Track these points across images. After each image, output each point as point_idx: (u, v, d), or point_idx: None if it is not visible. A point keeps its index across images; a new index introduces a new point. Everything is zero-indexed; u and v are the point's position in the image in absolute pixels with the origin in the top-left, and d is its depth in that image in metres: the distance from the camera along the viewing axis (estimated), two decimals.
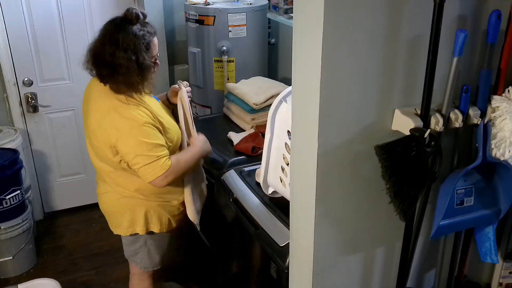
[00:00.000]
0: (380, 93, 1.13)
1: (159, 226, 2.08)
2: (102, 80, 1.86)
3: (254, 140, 2.37)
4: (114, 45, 1.78)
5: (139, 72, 1.81)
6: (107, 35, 1.82)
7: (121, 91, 1.83)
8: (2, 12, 2.99)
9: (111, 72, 1.81)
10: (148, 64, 1.84)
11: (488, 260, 1.34)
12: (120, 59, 1.78)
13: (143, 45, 1.81)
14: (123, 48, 1.78)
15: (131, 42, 1.79)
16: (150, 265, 2.20)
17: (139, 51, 1.80)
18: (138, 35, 1.81)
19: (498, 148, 1.18)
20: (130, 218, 2.04)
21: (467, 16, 1.15)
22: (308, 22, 1.06)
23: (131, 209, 2.03)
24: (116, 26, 1.82)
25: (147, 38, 1.84)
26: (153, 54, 1.88)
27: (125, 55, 1.78)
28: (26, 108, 3.23)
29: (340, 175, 1.18)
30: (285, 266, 1.62)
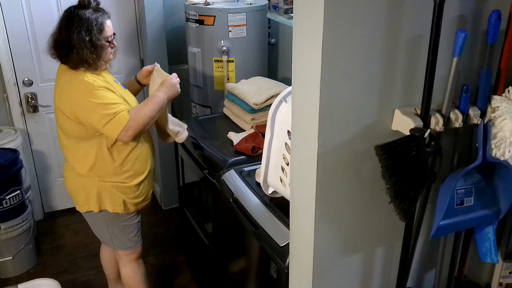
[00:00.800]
0: (380, 93, 1.13)
1: (112, 206, 2.16)
2: (61, 60, 2.05)
3: (254, 140, 2.37)
4: (69, 29, 1.98)
5: (93, 51, 1.98)
6: (63, 21, 2.01)
7: (77, 67, 2.01)
8: (2, 12, 2.99)
9: (67, 52, 1.99)
10: (102, 44, 2.01)
11: (488, 260, 1.34)
12: (74, 41, 1.96)
13: (96, 26, 1.99)
14: (77, 30, 1.97)
15: (84, 24, 1.98)
16: (120, 245, 2.29)
17: (92, 32, 1.98)
18: (91, 18, 1.99)
19: (498, 148, 1.18)
20: (84, 196, 2.16)
21: (467, 16, 1.15)
22: (308, 22, 1.06)
23: (85, 187, 2.15)
24: (71, 12, 2.01)
25: (100, 20, 2.02)
26: (107, 35, 2.05)
27: (78, 36, 1.96)
28: (26, 108, 3.23)
29: (340, 175, 1.18)
30: (285, 266, 1.62)
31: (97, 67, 2.04)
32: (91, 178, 2.13)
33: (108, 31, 2.05)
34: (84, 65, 2.00)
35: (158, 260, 3.10)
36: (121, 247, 2.30)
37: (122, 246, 2.29)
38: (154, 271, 3.00)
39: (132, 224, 2.28)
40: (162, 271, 3.02)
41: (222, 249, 2.40)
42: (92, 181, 2.13)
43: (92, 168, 2.11)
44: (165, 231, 3.42)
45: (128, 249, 2.31)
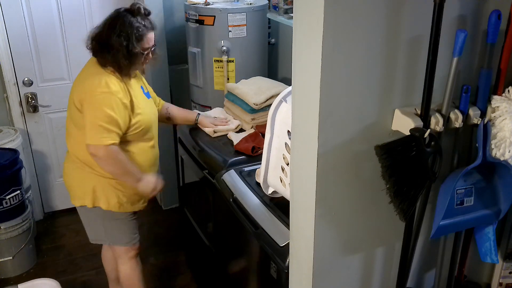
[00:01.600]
0: (380, 93, 1.13)
1: (106, 204, 2.15)
2: (94, 54, 2.09)
3: (254, 140, 2.37)
4: (112, 29, 2.01)
5: (127, 57, 2.01)
6: (109, 20, 2.06)
7: (106, 65, 2.04)
8: (2, 12, 2.99)
9: (103, 49, 2.03)
10: (136, 53, 2.02)
11: (488, 260, 1.34)
12: (112, 41, 2.00)
13: (135, 35, 2.01)
14: (117, 33, 2.00)
15: (125, 29, 2.00)
16: (115, 241, 2.27)
17: (130, 39, 2.00)
18: (134, 25, 2.01)
19: (498, 148, 1.18)
20: (80, 189, 2.16)
21: (467, 16, 1.15)
22: (308, 22, 1.06)
23: (82, 181, 2.15)
24: (118, 14, 2.05)
25: (142, 30, 2.03)
26: (144, 46, 2.06)
27: (118, 39, 1.99)
28: (26, 108, 3.23)
29: (340, 175, 1.18)
30: (285, 266, 1.62)
31: (126, 73, 2.06)
32: (90, 172, 2.11)
33: (147, 43, 2.07)
34: (114, 66, 2.03)
35: (158, 260, 3.10)
36: (117, 242, 2.28)
37: (118, 242, 2.28)
38: (154, 271, 3.00)
39: (128, 223, 2.26)
40: (162, 271, 3.02)
41: (222, 249, 2.40)
42: (90, 175, 2.12)
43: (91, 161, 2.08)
44: (165, 231, 3.42)
45: (125, 245, 2.29)
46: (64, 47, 3.22)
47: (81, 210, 2.24)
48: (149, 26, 2.08)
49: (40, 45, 3.15)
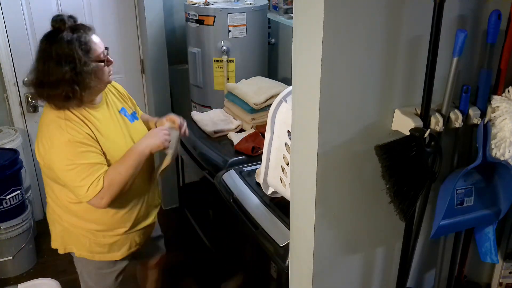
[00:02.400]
0: (380, 93, 1.13)
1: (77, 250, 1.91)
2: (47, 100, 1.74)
3: (254, 140, 2.37)
4: (48, 62, 1.65)
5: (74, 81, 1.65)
6: (40, 54, 1.69)
7: (63, 106, 1.70)
8: (2, 12, 2.99)
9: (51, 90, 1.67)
10: (91, 69, 1.67)
11: (488, 260, 1.34)
12: (54, 75, 1.64)
13: (80, 49, 1.66)
14: (57, 61, 1.64)
15: (65, 51, 1.64)
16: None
17: (76, 58, 1.64)
18: (71, 40, 1.65)
19: (498, 148, 1.18)
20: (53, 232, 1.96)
21: (467, 16, 1.15)
22: (308, 22, 1.06)
23: (53, 223, 1.94)
24: (47, 40, 1.69)
25: (83, 39, 1.68)
26: (97, 53, 1.71)
27: (57, 67, 1.63)
28: (26, 108, 3.23)
29: (340, 175, 1.18)
30: (285, 266, 1.62)
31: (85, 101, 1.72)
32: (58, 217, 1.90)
33: (98, 48, 1.71)
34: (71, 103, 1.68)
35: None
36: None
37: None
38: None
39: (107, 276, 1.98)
40: (162, 271, 3.01)
41: (222, 249, 2.40)
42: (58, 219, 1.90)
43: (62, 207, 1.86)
44: (165, 231, 3.41)
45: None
46: None
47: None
48: (86, 30, 1.71)
49: None
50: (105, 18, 3.25)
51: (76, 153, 1.68)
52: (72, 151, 1.68)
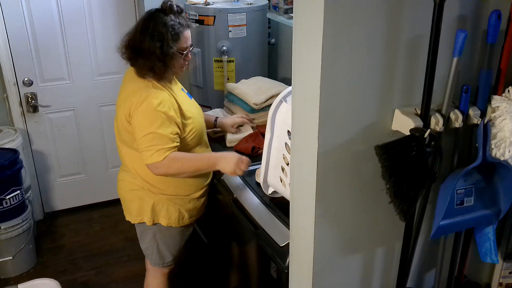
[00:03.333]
0: (380, 93, 1.13)
1: (167, 220, 2.07)
2: (130, 63, 1.96)
3: (254, 140, 2.37)
4: (144, 32, 1.89)
5: (162, 59, 1.88)
6: (141, 23, 1.93)
7: (144, 75, 1.92)
8: (2, 12, 2.99)
9: (137, 55, 1.90)
10: (173, 53, 1.90)
11: (488, 260, 1.34)
12: (146, 45, 1.87)
13: (171, 34, 1.88)
14: (150, 35, 1.87)
15: (159, 30, 1.87)
16: (159, 261, 2.19)
17: (165, 40, 1.87)
18: (168, 25, 1.89)
19: (498, 148, 1.18)
20: (138, 206, 2.07)
21: (467, 16, 1.15)
22: (308, 22, 1.06)
23: (140, 198, 2.06)
24: (150, 15, 1.92)
25: (177, 29, 1.91)
26: (182, 46, 1.94)
27: (151, 41, 1.87)
28: (26, 108, 3.23)
29: (340, 175, 1.18)
30: (285, 266, 1.62)
31: (164, 77, 1.94)
32: (149, 189, 2.05)
33: (184, 42, 1.95)
34: (150, 74, 1.91)
35: None
36: (159, 263, 2.19)
37: (160, 262, 2.19)
38: None
39: (182, 237, 2.19)
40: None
41: (222, 249, 2.40)
42: (149, 193, 2.05)
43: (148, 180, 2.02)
44: None
45: (165, 266, 2.21)
46: (64, 47, 3.22)
47: (138, 226, 2.17)
48: (184, 24, 1.95)
49: (40, 45, 3.15)
50: (105, 18, 3.25)
51: (157, 121, 1.87)
52: (155, 119, 1.86)
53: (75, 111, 3.38)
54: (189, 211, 2.11)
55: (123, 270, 3.00)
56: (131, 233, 3.14)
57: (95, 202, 3.61)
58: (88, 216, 3.54)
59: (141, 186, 2.05)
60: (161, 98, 1.89)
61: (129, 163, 2.06)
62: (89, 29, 3.24)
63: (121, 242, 3.21)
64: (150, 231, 2.13)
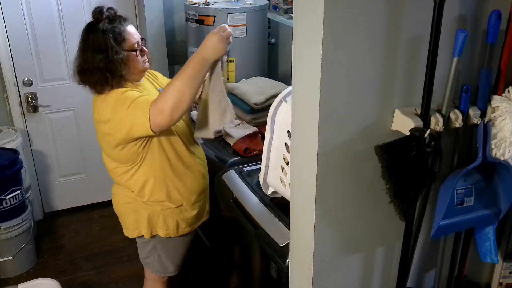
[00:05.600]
0: (380, 93, 1.13)
1: (165, 230, 2.01)
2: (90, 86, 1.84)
3: (251, 141, 2.37)
4: (86, 49, 1.80)
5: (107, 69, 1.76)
6: (81, 43, 1.83)
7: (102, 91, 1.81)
8: (2, 12, 2.99)
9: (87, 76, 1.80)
10: (121, 58, 1.78)
11: (488, 260, 1.34)
12: (91, 62, 1.78)
13: (113, 38, 1.77)
14: (92, 49, 1.78)
15: (99, 41, 1.77)
16: (161, 270, 2.14)
17: (109, 47, 1.76)
18: (106, 30, 1.78)
19: (498, 148, 1.18)
20: (134, 220, 2.02)
21: (467, 16, 1.15)
22: (308, 22, 1.06)
23: (136, 211, 2.01)
24: (87, 30, 1.82)
25: (117, 29, 1.80)
26: (131, 43, 1.82)
27: (93, 55, 1.77)
28: (26, 108, 3.23)
29: (340, 175, 1.18)
30: (285, 266, 1.62)
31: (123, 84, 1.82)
32: (142, 202, 1.98)
33: (131, 38, 1.83)
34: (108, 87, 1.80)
35: None
36: (161, 272, 2.15)
37: (162, 271, 2.14)
38: None
39: (184, 245, 2.13)
40: None
41: (222, 249, 2.40)
42: (143, 205, 1.99)
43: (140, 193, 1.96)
44: None
45: (165, 274, 2.17)
46: (64, 47, 3.22)
47: (137, 239, 2.11)
48: (122, 21, 1.83)
49: (40, 45, 3.15)
50: None
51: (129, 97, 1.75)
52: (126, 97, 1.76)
53: (75, 111, 3.38)
54: (186, 220, 2.04)
55: (123, 270, 3.00)
56: None
57: (95, 202, 3.61)
58: (88, 216, 3.54)
59: (134, 199, 2.00)
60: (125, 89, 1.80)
61: (119, 179, 1.99)
62: None
63: (121, 242, 3.21)
64: (150, 243, 2.08)
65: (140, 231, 2.03)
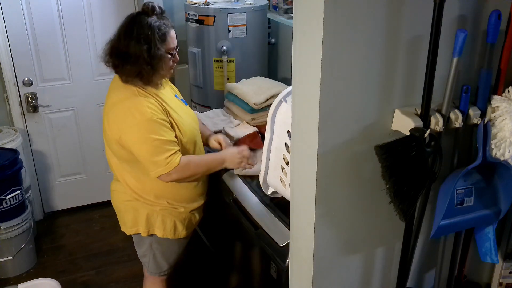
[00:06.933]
0: (380, 93, 1.13)
1: (162, 231, 2.03)
2: (115, 70, 1.90)
3: (251, 142, 2.36)
4: (129, 36, 1.83)
5: (150, 63, 1.83)
6: (123, 28, 1.88)
7: (130, 81, 1.86)
8: (2, 12, 2.99)
9: (123, 61, 1.85)
10: (161, 55, 1.84)
11: (488, 260, 1.34)
12: (131, 49, 1.82)
13: (158, 35, 1.83)
14: (136, 38, 1.82)
15: (144, 32, 1.82)
16: (155, 270, 2.15)
17: (152, 41, 1.82)
18: (153, 26, 1.84)
19: (498, 148, 1.18)
20: (133, 217, 2.04)
21: (467, 16, 1.15)
22: (308, 22, 1.06)
23: (135, 209, 2.03)
24: (132, 19, 1.88)
25: (163, 29, 1.86)
26: (169, 47, 1.89)
27: (137, 44, 1.81)
28: (26, 108, 3.23)
29: (340, 175, 1.18)
30: (285, 266, 1.62)
31: (151, 81, 1.88)
32: (144, 201, 2.01)
33: (171, 42, 1.90)
34: (137, 79, 1.85)
35: None
36: (155, 272, 2.16)
37: (156, 271, 2.15)
38: None
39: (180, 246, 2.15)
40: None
41: (222, 249, 2.40)
42: (144, 204, 2.01)
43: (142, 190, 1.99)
44: None
45: (161, 275, 2.18)
46: (64, 47, 3.22)
47: (134, 236, 2.13)
48: (168, 24, 1.91)
49: (40, 45, 3.15)
50: (105, 18, 3.25)
51: (154, 130, 1.82)
52: (152, 128, 1.82)
53: (75, 111, 3.38)
54: (183, 223, 2.06)
55: (123, 270, 3.00)
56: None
57: (95, 202, 3.61)
58: (88, 216, 3.54)
59: (134, 197, 2.01)
60: (150, 106, 1.83)
61: (119, 175, 2.02)
62: (89, 29, 3.24)
63: (121, 242, 3.21)
64: (147, 241, 2.09)
65: (137, 228, 2.05)
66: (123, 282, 2.91)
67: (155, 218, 2.02)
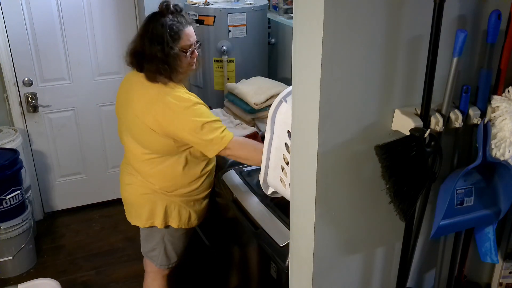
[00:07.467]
0: (380, 93, 1.13)
1: (178, 221, 2.09)
2: (137, 69, 1.97)
3: None
4: (145, 36, 1.90)
5: (165, 61, 1.87)
6: (142, 28, 1.95)
7: (154, 79, 1.91)
8: (2, 12, 2.99)
9: (140, 61, 1.92)
10: (175, 53, 1.89)
11: (488, 260, 1.34)
12: (147, 49, 1.88)
13: (170, 34, 1.87)
14: (149, 38, 1.88)
15: (158, 32, 1.87)
16: (166, 262, 2.20)
17: (165, 41, 1.87)
18: (166, 25, 1.88)
19: (498, 148, 1.18)
20: (150, 210, 2.07)
21: (467, 16, 1.15)
22: (308, 22, 1.06)
23: (153, 202, 2.06)
24: (149, 19, 1.94)
25: (176, 28, 1.90)
26: (184, 44, 1.92)
27: (151, 45, 1.88)
28: (26, 108, 3.24)
29: (340, 175, 1.18)
30: (285, 266, 1.62)
31: (172, 79, 1.92)
32: (162, 194, 2.05)
33: (186, 39, 1.92)
34: (160, 76, 1.90)
35: None
36: (164, 265, 2.20)
37: (166, 263, 2.20)
38: None
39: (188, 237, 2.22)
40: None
41: (222, 249, 2.40)
42: (162, 196, 2.06)
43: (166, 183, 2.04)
44: None
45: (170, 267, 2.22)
46: (64, 47, 3.22)
47: (145, 229, 2.16)
48: (184, 22, 1.93)
49: (40, 45, 3.15)
50: (105, 18, 3.25)
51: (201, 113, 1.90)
52: (198, 112, 1.90)
53: (75, 111, 3.38)
54: (197, 212, 2.14)
55: (123, 270, 3.00)
56: (131, 233, 3.15)
57: (95, 202, 3.62)
58: (88, 216, 3.54)
59: (153, 190, 2.05)
60: (187, 93, 1.92)
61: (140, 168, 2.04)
62: (89, 29, 3.24)
63: (121, 242, 3.21)
64: (159, 234, 2.12)
65: (153, 221, 2.08)
66: (123, 282, 2.91)
67: (172, 209, 2.07)
